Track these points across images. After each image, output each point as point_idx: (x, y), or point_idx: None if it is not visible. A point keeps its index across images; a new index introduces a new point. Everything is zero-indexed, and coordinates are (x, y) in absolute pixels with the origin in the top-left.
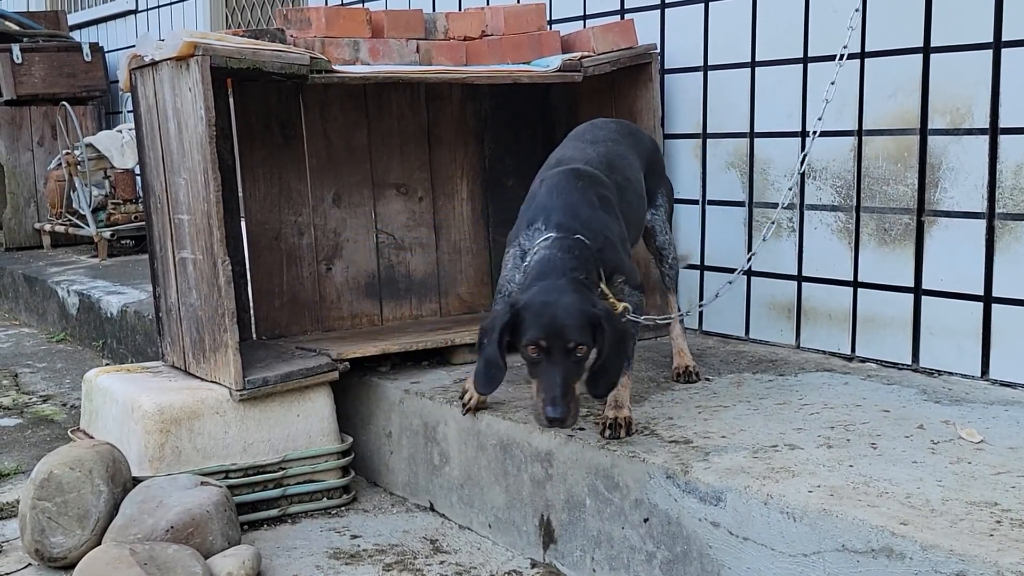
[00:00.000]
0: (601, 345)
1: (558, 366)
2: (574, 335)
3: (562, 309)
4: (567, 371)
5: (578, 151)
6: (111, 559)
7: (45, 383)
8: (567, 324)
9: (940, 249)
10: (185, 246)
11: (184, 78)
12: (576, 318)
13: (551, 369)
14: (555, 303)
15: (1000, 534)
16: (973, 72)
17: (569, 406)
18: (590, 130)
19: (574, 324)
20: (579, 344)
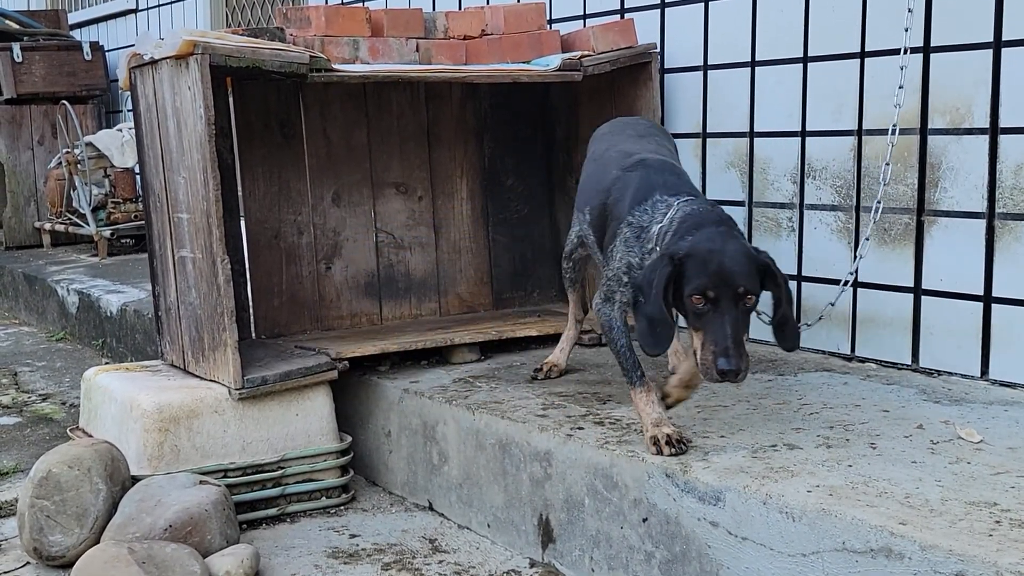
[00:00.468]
0: (777, 292)
1: (728, 315)
2: (743, 282)
3: (729, 256)
4: (736, 321)
5: (637, 145)
6: (109, 558)
7: (44, 382)
8: (735, 271)
9: (940, 249)
10: (184, 245)
11: (183, 77)
12: (744, 265)
13: (720, 319)
14: (720, 250)
15: (999, 534)
16: (973, 72)
17: (742, 357)
18: (631, 126)
19: (743, 271)
20: (748, 292)
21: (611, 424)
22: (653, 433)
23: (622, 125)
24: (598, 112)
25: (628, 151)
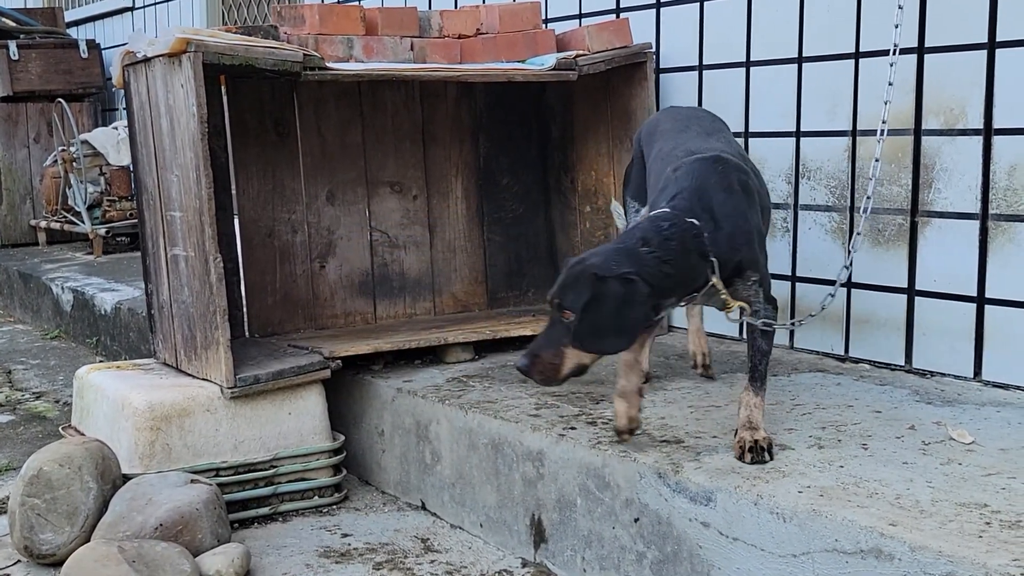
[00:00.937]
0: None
1: (548, 323)
2: (561, 295)
3: (574, 269)
4: (550, 328)
5: (705, 142)
6: (99, 556)
7: (38, 380)
8: (561, 283)
9: (933, 250)
10: (177, 243)
11: (176, 74)
12: (573, 278)
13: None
14: (579, 263)
15: (989, 535)
16: (967, 73)
17: (533, 360)
18: (694, 120)
19: (566, 283)
20: (562, 304)
21: (603, 424)
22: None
23: (688, 117)
24: (593, 111)
25: (693, 149)
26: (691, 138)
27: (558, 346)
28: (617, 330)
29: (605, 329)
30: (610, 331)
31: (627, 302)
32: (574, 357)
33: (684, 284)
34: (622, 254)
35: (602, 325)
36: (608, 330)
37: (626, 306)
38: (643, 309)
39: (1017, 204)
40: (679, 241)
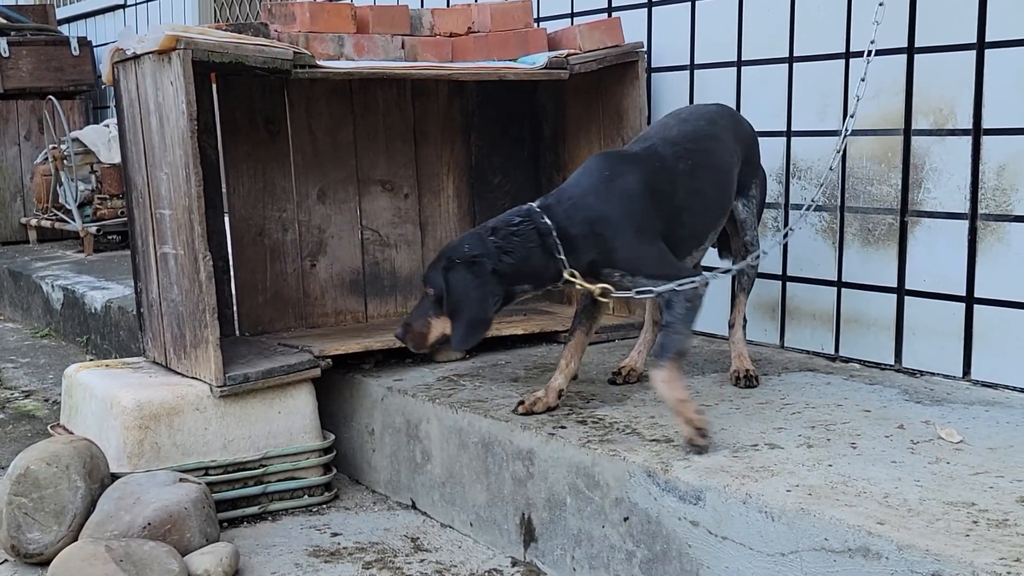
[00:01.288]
0: (444, 287)
1: (420, 298)
2: (426, 273)
3: (438, 252)
4: (420, 302)
5: (663, 128)
6: (87, 556)
7: (28, 378)
8: (430, 264)
9: (923, 249)
10: (167, 241)
11: (166, 72)
12: (435, 259)
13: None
14: (445, 246)
15: (976, 534)
16: (957, 73)
17: (407, 329)
18: (691, 108)
19: (431, 264)
20: (425, 281)
21: (593, 423)
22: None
23: (690, 107)
24: (585, 111)
25: (644, 135)
26: (660, 122)
27: (425, 318)
28: (470, 305)
29: (462, 305)
30: (465, 306)
31: (472, 283)
32: (439, 327)
33: (531, 275)
34: (474, 239)
35: (459, 301)
36: (463, 305)
37: (472, 286)
38: (486, 289)
39: (1006, 204)
40: (523, 238)
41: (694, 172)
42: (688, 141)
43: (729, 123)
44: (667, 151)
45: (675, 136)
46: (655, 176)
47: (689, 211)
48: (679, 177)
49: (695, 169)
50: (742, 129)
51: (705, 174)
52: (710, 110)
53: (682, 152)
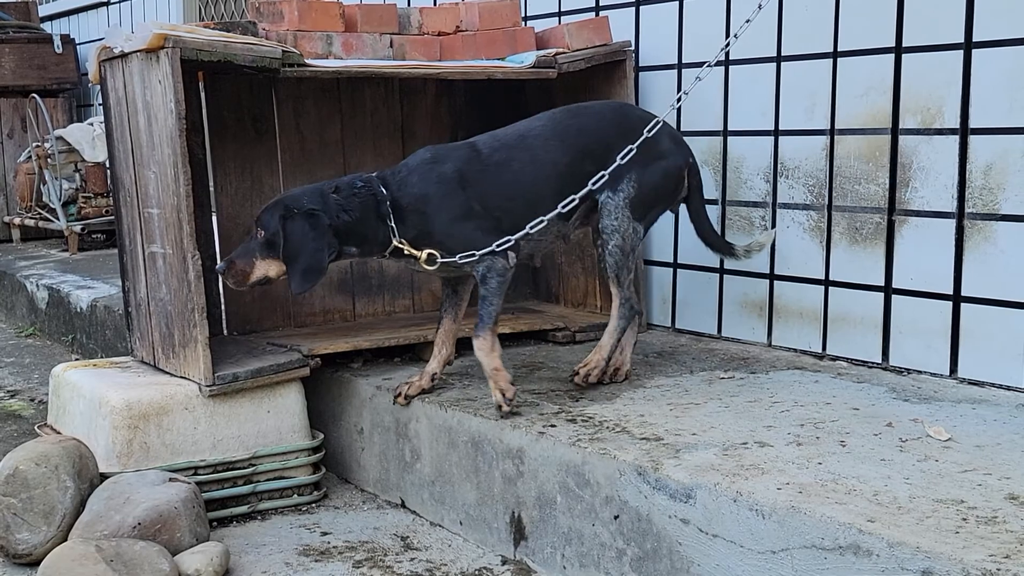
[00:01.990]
0: (281, 233)
1: (247, 238)
2: (260, 215)
3: (275, 199)
4: (247, 243)
5: (508, 127)
6: (77, 556)
7: (13, 378)
8: (264, 208)
9: (910, 248)
10: (155, 240)
11: (154, 70)
12: (272, 205)
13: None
14: (280, 195)
15: (966, 531)
16: (944, 72)
17: (229, 266)
18: (575, 107)
19: (267, 208)
20: (258, 223)
21: (583, 422)
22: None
23: (570, 106)
24: None
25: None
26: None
27: (250, 258)
28: (307, 254)
29: (299, 252)
30: (302, 254)
31: (311, 233)
32: (262, 269)
33: (362, 238)
34: (314, 193)
35: (297, 249)
36: (301, 253)
37: (311, 236)
38: (324, 240)
39: (993, 203)
40: (362, 200)
41: (508, 164)
42: (512, 138)
43: (597, 118)
44: (485, 145)
45: (501, 133)
46: (467, 165)
47: (502, 196)
48: (489, 168)
49: (509, 162)
50: (619, 122)
51: (519, 167)
52: (587, 108)
53: (499, 147)
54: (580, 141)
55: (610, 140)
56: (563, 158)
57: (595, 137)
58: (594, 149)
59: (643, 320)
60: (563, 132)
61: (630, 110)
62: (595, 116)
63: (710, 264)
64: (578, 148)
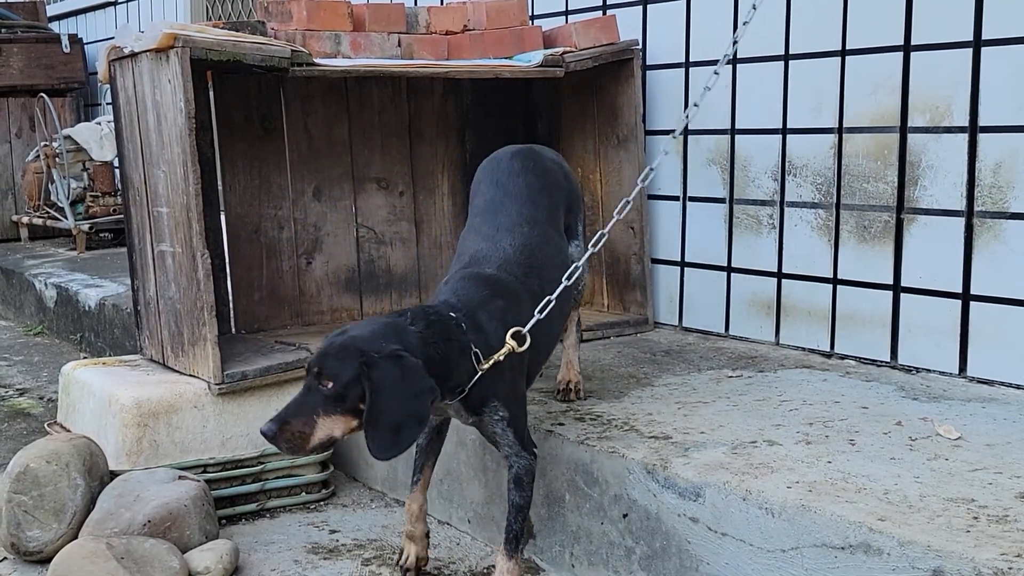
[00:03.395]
0: (366, 384)
1: (302, 390)
2: (322, 362)
3: (339, 339)
4: (304, 397)
5: (491, 243)
6: (88, 553)
7: (22, 376)
8: (324, 351)
9: (919, 247)
10: (164, 239)
11: (164, 70)
12: (339, 349)
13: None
14: (341, 334)
15: (977, 530)
16: (953, 70)
17: (282, 427)
18: (502, 204)
19: (332, 353)
20: (322, 372)
21: (591, 420)
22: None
23: (494, 199)
24: (580, 108)
25: (475, 253)
26: (489, 228)
27: (311, 415)
28: (408, 414)
29: (395, 417)
30: (401, 416)
31: (405, 379)
32: (327, 428)
33: (448, 374)
34: (389, 329)
35: (392, 415)
36: (399, 416)
37: (407, 383)
38: (426, 383)
39: (1002, 201)
40: (442, 326)
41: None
42: (527, 255)
43: (544, 189)
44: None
45: (511, 254)
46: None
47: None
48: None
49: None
50: (555, 185)
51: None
52: (521, 189)
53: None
54: (558, 199)
55: (561, 195)
56: (562, 228)
57: (560, 192)
58: (569, 199)
59: (650, 319)
60: (549, 198)
61: (541, 161)
62: (537, 176)
63: (717, 263)
64: (563, 206)
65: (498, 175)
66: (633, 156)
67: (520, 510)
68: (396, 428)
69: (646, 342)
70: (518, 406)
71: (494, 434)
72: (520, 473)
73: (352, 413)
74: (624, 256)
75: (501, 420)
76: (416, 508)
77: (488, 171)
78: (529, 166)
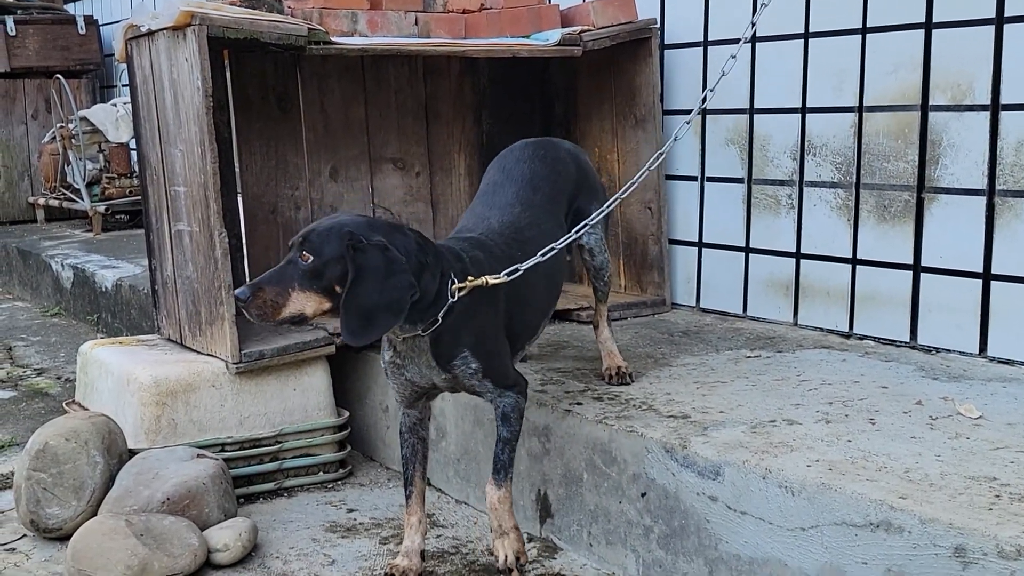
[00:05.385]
0: (351, 267)
1: (282, 262)
2: (307, 237)
3: (329, 222)
4: (283, 268)
5: (479, 219)
6: (107, 530)
7: (39, 356)
8: (312, 229)
9: (940, 226)
10: (181, 218)
11: (181, 48)
12: (327, 228)
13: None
14: (335, 218)
15: (999, 508)
16: (975, 48)
17: (256, 293)
18: (502, 186)
19: (319, 230)
20: (304, 246)
21: (610, 400)
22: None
23: (498, 181)
24: (597, 88)
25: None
26: (482, 208)
27: (285, 287)
28: (387, 302)
29: (372, 302)
30: (378, 302)
31: (388, 269)
32: (299, 303)
33: (425, 291)
34: (379, 223)
35: (369, 298)
36: (376, 301)
37: (388, 274)
38: (407, 279)
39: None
40: (429, 245)
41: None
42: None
43: (549, 177)
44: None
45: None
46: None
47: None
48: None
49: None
50: (564, 171)
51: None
52: (525, 176)
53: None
54: (566, 185)
55: (569, 180)
56: (563, 212)
57: (568, 178)
58: (579, 183)
59: (668, 300)
60: (553, 184)
61: (552, 150)
62: (546, 163)
63: (736, 243)
64: (568, 192)
65: (507, 161)
66: (651, 136)
67: (507, 443)
68: (371, 314)
69: (664, 323)
70: (490, 356)
71: (472, 386)
72: (507, 411)
73: (326, 294)
74: (642, 237)
75: (475, 373)
76: (415, 521)
77: (499, 158)
78: (539, 154)
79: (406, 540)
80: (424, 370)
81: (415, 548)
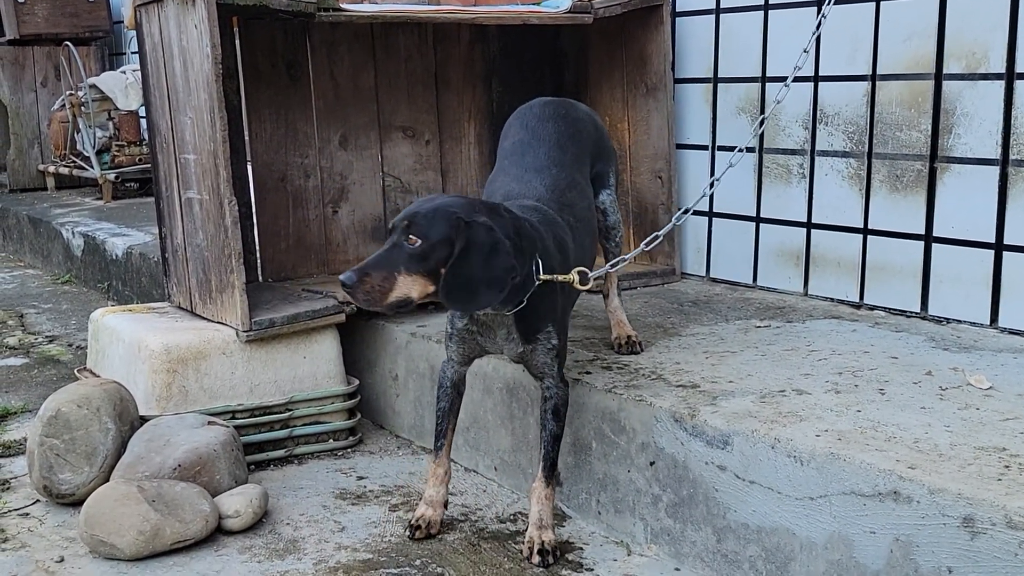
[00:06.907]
0: (458, 245)
1: (386, 246)
2: (412, 219)
3: (432, 203)
4: (388, 252)
5: (522, 183)
6: (120, 496)
7: (51, 324)
8: (415, 211)
9: (952, 196)
10: (191, 186)
11: (190, 15)
12: (432, 210)
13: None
14: (434, 200)
15: (1008, 478)
16: (990, 16)
17: (362, 278)
18: (531, 146)
19: (423, 212)
20: (410, 229)
21: (619, 369)
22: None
23: (525, 141)
24: (608, 56)
25: (508, 193)
26: (517, 170)
27: (391, 271)
28: (488, 279)
29: (477, 276)
30: (482, 278)
31: (493, 249)
32: (405, 287)
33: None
34: (481, 204)
35: (474, 272)
36: (480, 276)
37: (493, 253)
38: (510, 260)
39: None
40: (524, 225)
41: (573, 230)
42: (558, 195)
43: (572, 136)
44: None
45: (544, 193)
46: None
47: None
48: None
49: (573, 229)
50: (584, 132)
51: (580, 227)
52: (552, 135)
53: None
54: (587, 145)
55: (589, 141)
56: (589, 174)
57: (588, 139)
58: (597, 147)
59: (678, 269)
60: (576, 144)
61: (571, 109)
62: (567, 122)
63: (746, 213)
64: (590, 153)
65: (528, 119)
66: (662, 105)
67: (556, 439)
68: (474, 287)
69: (673, 292)
70: (566, 338)
71: (544, 364)
72: (558, 404)
73: (431, 276)
74: (652, 206)
75: (552, 349)
76: (442, 472)
77: (519, 116)
78: (561, 112)
79: (430, 491)
80: (500, 341)
81: (439, 499)
